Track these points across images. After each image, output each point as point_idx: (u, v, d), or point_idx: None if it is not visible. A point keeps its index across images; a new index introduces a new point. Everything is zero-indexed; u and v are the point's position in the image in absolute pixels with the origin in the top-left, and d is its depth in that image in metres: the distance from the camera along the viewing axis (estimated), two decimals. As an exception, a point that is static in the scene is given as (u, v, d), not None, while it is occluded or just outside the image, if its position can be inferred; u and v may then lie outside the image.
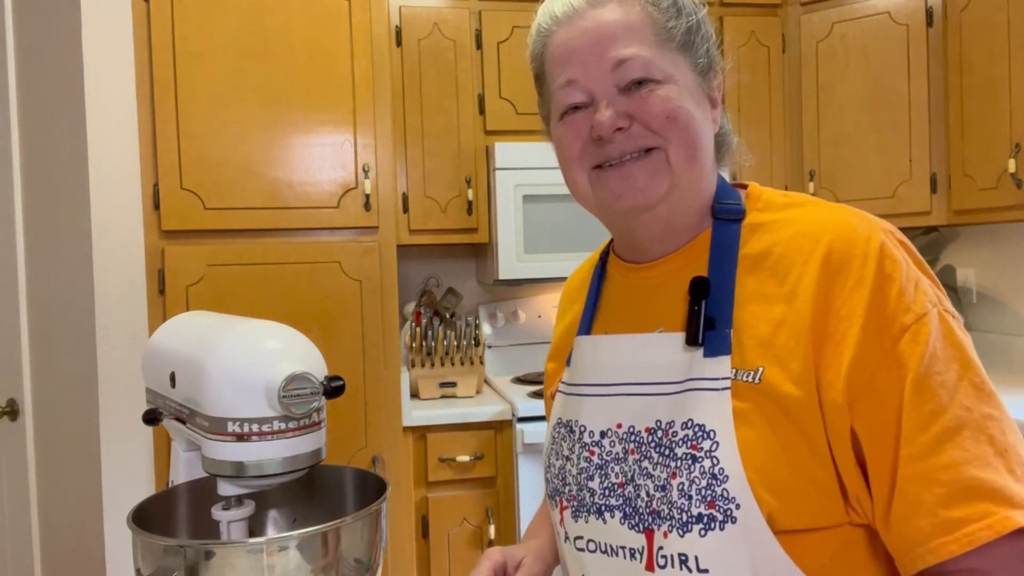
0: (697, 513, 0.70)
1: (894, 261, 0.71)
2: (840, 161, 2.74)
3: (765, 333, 0.73)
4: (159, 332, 1.01)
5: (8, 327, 2.25)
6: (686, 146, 0.77)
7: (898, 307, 0.69)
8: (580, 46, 0.78)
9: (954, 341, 0.70)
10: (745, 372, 0.72)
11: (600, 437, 0.80)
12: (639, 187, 0.78)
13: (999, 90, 2.36)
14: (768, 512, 0.69)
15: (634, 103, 0.77)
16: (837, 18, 2.73)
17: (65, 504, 2.24)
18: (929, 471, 0.66)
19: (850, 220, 0.75)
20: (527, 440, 2.38)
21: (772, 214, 0.80)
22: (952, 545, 0.65)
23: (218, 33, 2.21)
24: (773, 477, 0.69)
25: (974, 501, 0.65)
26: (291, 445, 0.82)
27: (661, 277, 0.83)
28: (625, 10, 0.78)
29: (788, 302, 0.73)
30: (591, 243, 1.08)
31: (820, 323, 0.71)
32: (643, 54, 0.77)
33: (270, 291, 2.24)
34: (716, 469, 0.70)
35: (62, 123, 2.19)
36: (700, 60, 0.81)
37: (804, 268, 0.73)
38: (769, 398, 0.71)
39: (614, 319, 0.89)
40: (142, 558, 0.79)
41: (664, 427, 0.75)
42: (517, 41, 2.70)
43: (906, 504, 0.67)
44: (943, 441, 0.66)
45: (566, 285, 1.05)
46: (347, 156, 2.30)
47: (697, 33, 0.81)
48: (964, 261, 2.91)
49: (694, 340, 0.75)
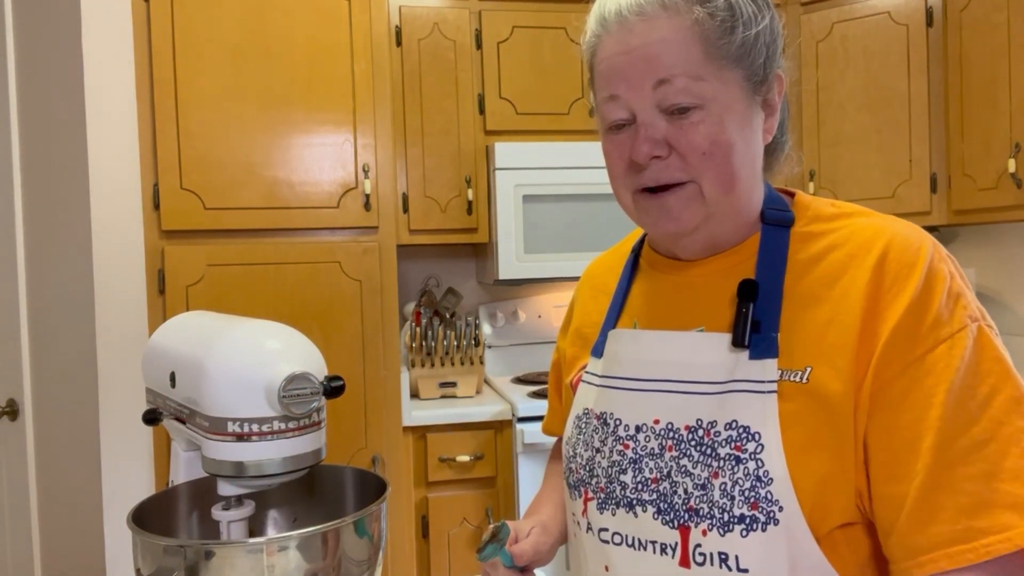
0: (739, 514, 0.71)
1: (940, 274, 0.72)
2: (840, 161, 2.74)
3: (814, 333, 0.74)
4: (159, 332, 1.01)
5: (8, 327, 2.25)
6: (720, 180, 0.77)
7: (938, 319, 0.70)
8: (624, 63, 0.77)
9: (994, 355, 0.70)
10: (793, 372, 0.73)
11: (635, 431, 0.81)
12: (674, 217, 0.79)
13: (999, 90, 2.36)
14: (809, 513, 0.70)
15: (674, 131, 0.76)
16: (837, 18, 2.73)
17: (65, 504, 2.24)
18: (954, 481, 0.66)
19: (903, 230, 0.76)
20: (527, 440, 2.38)
21: (823, 224, 0.81)
22: (970, 554, 0.65)
23: (218, 33, 2.21)
24: (815, 479, 0.70)
25: (997, 512, 0.65)
26: (291, 445, 0.82)
27: (704, 277, 0.84)
28: (674, 24, 0.75)
29: (837, 304, 0.73)
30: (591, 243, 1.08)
31: (867, 324, 0.71)
32: (686, 76, 0.75)
33: (270, 291, 2.24)
34: (761, 471, 0.71)
35: (62, 123, 2.19)
36: (756, 70, 0.79)
37: (856, 273, 0.74)
38: (815, 398, 0.71)
39: (647, 314, 0.89)
40: (142, 558, 0.79)
41: (706, 426, 0.75)
42: (517, 41, 2.70)
43: (924, 510, 0.67)
44: (971, 452, 0.66)
45: (589, 272, 1.05)
46: (347, 156, 2.30)
47: (755, 44, 0.78)
48: (964, 261, 2.91)
49: (740, 342, 0.75)
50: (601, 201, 2.61)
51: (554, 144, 2.63)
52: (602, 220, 2.61)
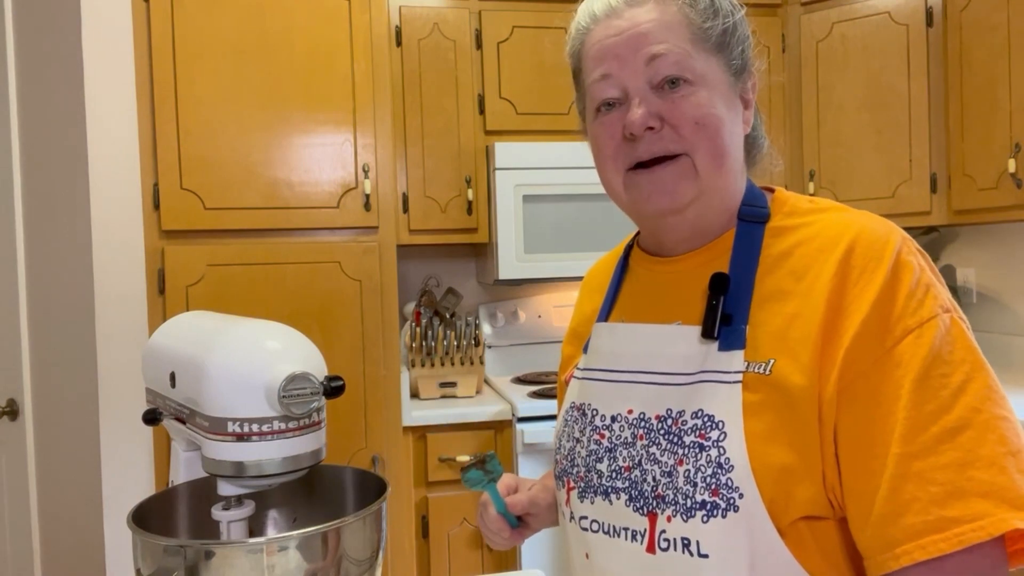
0: (701, 500, 0.72)
1: (908, 266, 0.72)
2: (840, 161, 2.74)
3: (779, 327, 0.75)
4: (159, 332, 1.01)
5: (8, 327, 2.25)
6: (713, 153, 0.79)
7: (904, 310, 0.70)
8: (615, 42, 0.80)
9: (966, 345, 0.70)
10: (757, 364, 0.74)
11: (611, 421, 0.83)
12: (667, 191, 0.80)
13: (999, 90, 2.36)
14: (769, 502, 0.70)
15: (666, 105, 0.79)
16: (837, 18, 2.73)
17: (65, 504, 2.24)
18: (926, 470, 0.66)
19: (871, 224, 0.77)
20: (527, 440, 2.38)
21: (797, 219, 0.82)
22: (943, 543, 0.64)
23: (218, 33, 2.21)
24: (776, 469, 0.70)
25: (971, 501, 0.65)
26: (291, 445, 0.82)
27: (682, 272, 0.85)
28: (662, 9, 0.80)
29: (804, 297, 0.74)
30: (591, 243, 1.09)
31: (831, 318, 0.72)
32: (677, 51, 0.78)
33: (270, 291, 2.24)
34: (722, 458, 0.72)
35: (62, 123, 2.19)
36: (735, 61, 0.82)
37: (823, 267, 0.75)
38: (778, 389, 0.72)
39: (632, 309, 0.91)
40: (142, 558, 0.79)
41: (674, 415, 0.77)
42: (517, 41, 2.70)
43: (896, 502, 0.67)
44: (943, 441, 0.66)
45: (588, 274, 1.07)
46: (347, 156, 2.30)
47: (733, 35, 0.82)
48: (964, 261, 2.91)
49: (710, 334, 0.77)
50: (601, 201, 2.61)
51: (554, 144, 2.64)
52: (602, 220, 2.61)
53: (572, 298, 3.05)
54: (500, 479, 1.00)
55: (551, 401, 2.43)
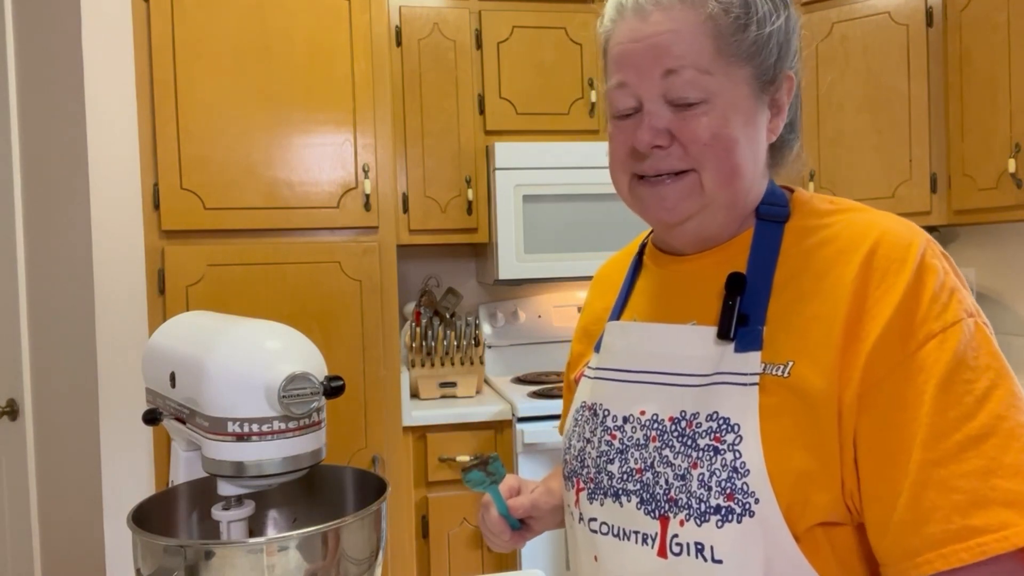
0: (715, 504, 0.71)
1: (932, 269, 0.71)
2: (840, 161, 2.74)
3: (799, 328, 0.73)
4: (159, 332, 1.01)
5: (8, 327, 2.25)
6: (721, 172, 0.77)
7: (928, 314, 0.69)
8: (635, 51, 0.78)
9: (991, 351, 0.69)
10: (775, 367, 0.72)
11: (623, 422, 0.81)
12: (668, 207, 0.79)
13: (999, 90, 2.36)
14: (786, 508, 0.69)
15: (678, 121, 0.76)
16: (837, 18, 2.73)
17: (65, 504, 2.24)
18: (948, 478, 0.64)
19: (894, 225, 0.75)
20: (527, 440, 2.38)
21: (817, 219, 0.80)
22: (964, 553, 0.63)
23: (218, 33, 2.21)
24: (793, 473, 0.69)
25: (994, 510, 0.63)
26: (291, 445, 0.82)
27: (698, 271, 0.84)
28: (688, 16, 0.76)
29: (824, 299, 0.73)
30: (591, 243, 1.09)
31: (852, 320, 0.70)
32: (694, 69, 0.75)
33: (270, 291, 2.24)
34: (738, 463, 0.71)
35: (62, 123, 2.19)
36: (766, 69, 0.79)
37: (844, 268, 0.73)
38: (796, 392, 0.70)
39: (646, 308, 0.89)
40: (142, 558, 0.79)
41: (688, 418, 0.75)
42: (517, 41, 2.70)
43: (918, 510, 0.65)
44: (967, 448, 0.65)
45: (599, 272, 1.06)
46: (347, 156, 2.30)
47: (767, 44, 0.79)
48: (964, 261, 2.91)
49: (726, 334, 0.75)
50: (601, 201, 2.61)
51: (554, 144, 2.63)
52: (602, 220, 2.61)
53: (572, 298, 3.06)
54: (502, 481, 1.00)
55: (551, 401, 2.43)
